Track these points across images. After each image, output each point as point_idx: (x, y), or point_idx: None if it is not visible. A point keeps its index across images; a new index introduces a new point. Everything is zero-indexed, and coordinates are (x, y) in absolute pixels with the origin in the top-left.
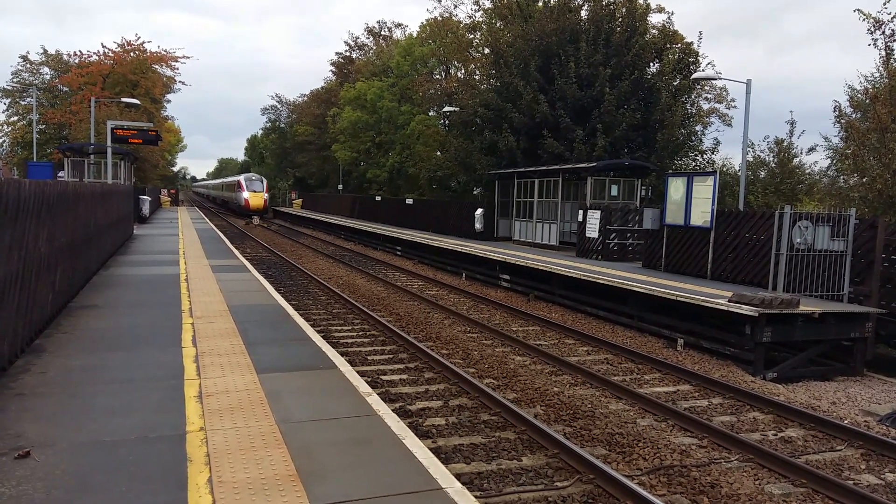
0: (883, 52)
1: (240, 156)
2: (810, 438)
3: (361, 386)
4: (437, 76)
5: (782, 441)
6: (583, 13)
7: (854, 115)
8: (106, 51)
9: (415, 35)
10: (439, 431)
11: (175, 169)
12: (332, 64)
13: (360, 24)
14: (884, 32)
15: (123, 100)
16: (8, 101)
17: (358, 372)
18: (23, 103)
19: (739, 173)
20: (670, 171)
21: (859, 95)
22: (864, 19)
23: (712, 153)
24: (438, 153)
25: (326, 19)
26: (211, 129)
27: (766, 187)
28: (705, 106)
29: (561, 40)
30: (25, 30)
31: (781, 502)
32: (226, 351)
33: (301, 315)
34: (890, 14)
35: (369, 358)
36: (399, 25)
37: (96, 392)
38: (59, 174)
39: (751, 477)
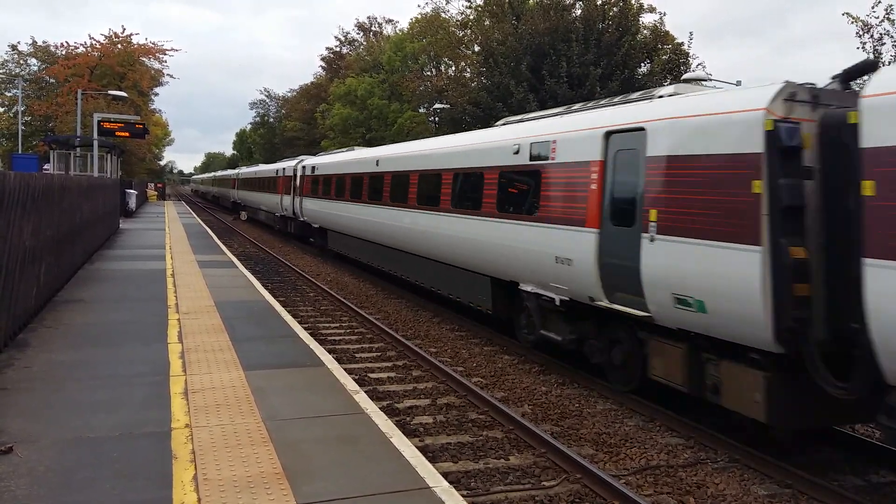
0: (871, 56)
1: (229, 150)
2: (795, 440)
3: (349, 384)
4: (428, 73)
5: (768, 442)
6: (575, 12)
7: None
8: (93, 42)
9: (405, 31)
10: (427, 430)
11: (162, 163)
12: (322, 59)
13: (358, 16)
14: (872, 36)
15: (110, 92)
16: None
17: (345, 369)
18: (8, 94)
19: None
20: None
21: None
22: (852, 22)
23: None
24: None
25: (323, 11)
26: (202, 123)
27: None
28: None
29: (553, 39)
30: (18, 19)
31: (766, 503)
32: (212, 347)
33: (288, 312)
34: (878, 18)
35: (357, 356)
36: (390, 21)
37: (81, 388)
38: (45, 167)
39: (736, 478)
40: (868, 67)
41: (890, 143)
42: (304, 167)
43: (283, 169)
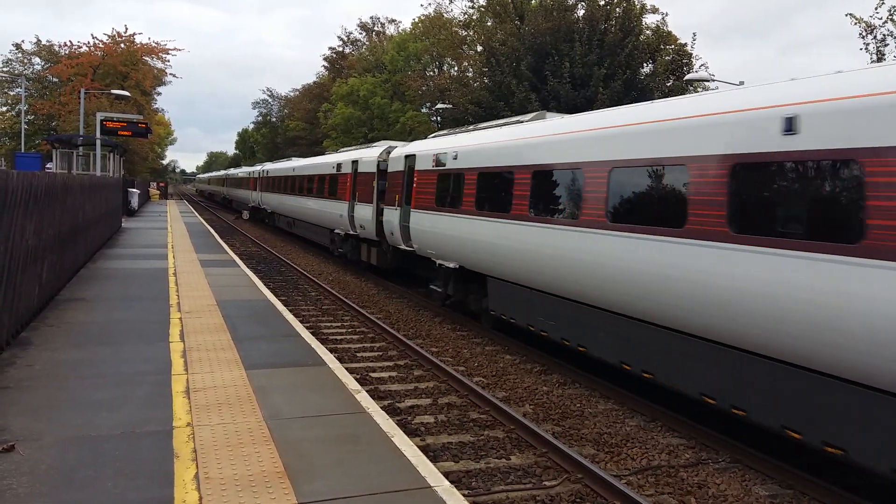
0: (874, 57)
1: (231, 149)
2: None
3: (350, 383)
4: (431, 73)
5: (769, 443)
6: (579, 12)
7: None
8: (96, 42)
9: (408, 31)
10: (428, 429)
11: (164, 162)
12: (325, 59)
13: (363, 16)
14: (875, 37)
15: (113, 91)
16: None
17: (347, 369)
18: (11, 93)
19: None
20: None
21: None
22: (856, 23)
23: None
24: None
25: (329, 11)
26: (205, 122)
27: None
28: None
29: (555, 39)
30: (24, 18)
31: (768, 503)
32: (214, 346)
33: (290, 311)
34: (881, 19)
35: (358, 355)
36: (392, 21)
37: (83, 386)
38: (48, 166)
39: (738, 478)
40: None
41: None
42: (410, 157)
43: (355, 162)
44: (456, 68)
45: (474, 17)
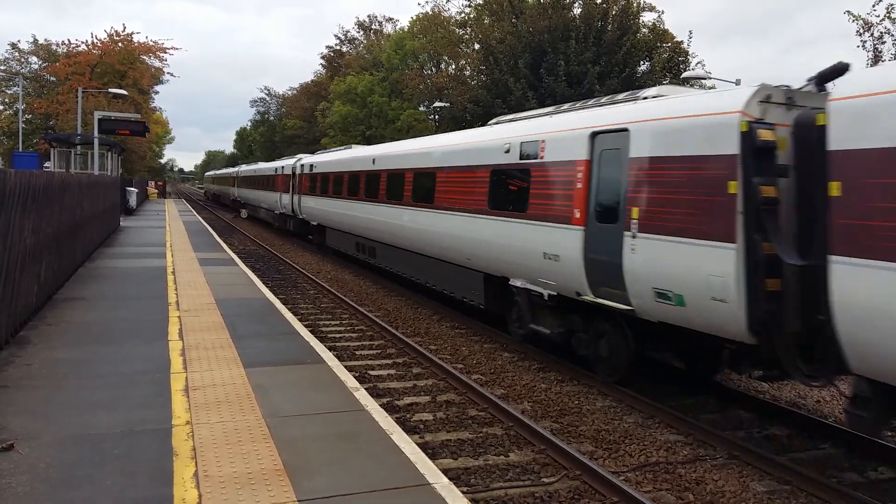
0: (871, 55)
1: (229, 148)
2: (794, 436)
3: (349, 381)
4: (428, 71)
5: (767, 439)
6: (575, 11)
7: None
8: (94, 41)
9: (406, 30)
10: (427, 427)
11: (162, 161)
12: (323, 57)
13: (362, 15)
14: (872, 34)
15: (111, 90)
16: None
17: (346, 367)
18: (9, 92)
19: None
20: None
21: None
22: (853, 21)
23: None
24: None
25: (328, 10)
26: (205, 121)
27: None
28: None
29: (552, 38)
30: (25, 18)
31: (766, 499)
32: (213, 345)
33: (289, 309)
34: (878, 16)
35: (357, 353)
36: (390, 20)
37: (82, 385)
38: (46, 165)
39: (735, 474)
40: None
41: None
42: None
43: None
44: (454, 67)
45: (471, 16)
